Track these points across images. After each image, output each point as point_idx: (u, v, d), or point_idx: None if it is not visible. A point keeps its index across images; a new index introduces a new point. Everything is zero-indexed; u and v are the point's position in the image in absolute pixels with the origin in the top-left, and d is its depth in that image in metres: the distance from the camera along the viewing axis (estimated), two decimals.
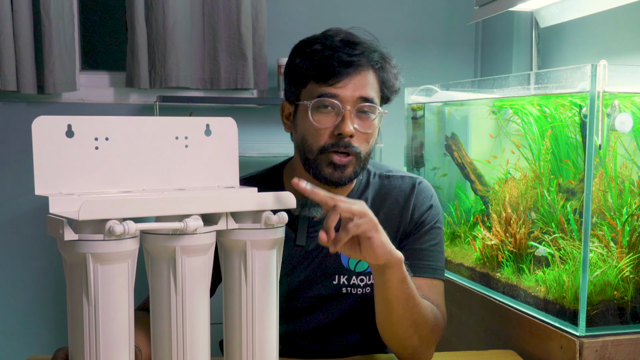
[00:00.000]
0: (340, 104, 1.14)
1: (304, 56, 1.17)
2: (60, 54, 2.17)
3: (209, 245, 0.85)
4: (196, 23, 2.33)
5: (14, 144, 2.29)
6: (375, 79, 1.17)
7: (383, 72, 1.18)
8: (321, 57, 1.15)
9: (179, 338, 0.83)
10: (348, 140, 1.14)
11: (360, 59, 1.15)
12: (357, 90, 1.14)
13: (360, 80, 1.15)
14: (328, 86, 1.14)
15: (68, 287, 0.80)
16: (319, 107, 1.15)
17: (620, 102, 1.17)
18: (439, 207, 1.29)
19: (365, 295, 1.25)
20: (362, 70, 1.15)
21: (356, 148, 1.16)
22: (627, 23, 1.76)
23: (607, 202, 1.24)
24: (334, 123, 1.15)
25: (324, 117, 1.15)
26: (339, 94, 1.14)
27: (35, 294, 2.36)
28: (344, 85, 1.14)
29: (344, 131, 1.13)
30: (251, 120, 2.47)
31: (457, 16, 2.59)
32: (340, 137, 1.14)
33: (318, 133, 1.16)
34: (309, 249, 1.24)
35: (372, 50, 1.17)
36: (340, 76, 1.14)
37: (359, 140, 1.16)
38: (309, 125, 1.16)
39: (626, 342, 1.19)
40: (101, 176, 0.88)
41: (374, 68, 1.17)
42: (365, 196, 1.27)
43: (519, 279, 1.40)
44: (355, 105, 1.15)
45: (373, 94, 1.16)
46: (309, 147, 1.17)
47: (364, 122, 1.16)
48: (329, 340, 1.28)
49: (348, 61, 1.14)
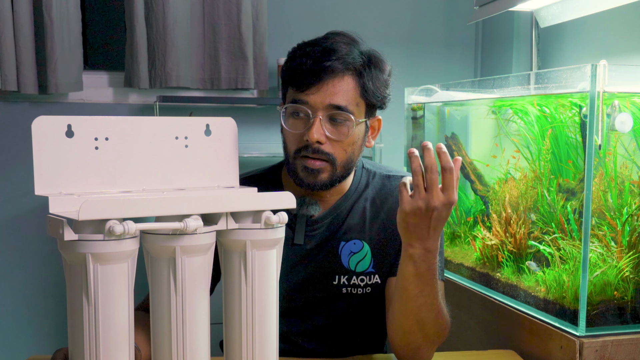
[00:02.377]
0: (310, 110, 1.14)
1: (287, 61, 1.20)
2: (62, 54, 2.17)
3: (208, 245, 0.85)
4: (196, 23, 2.33)
5: (14, 144, 2.29)
6: (352, 86, 1.15)
7: (363, 79, 1.16)
8: (296, 63, 1.16)
9: (179, 338, 0.84)
10: (317, 147, 1.15)
11: (335, 64, 1.13)
12: (327, 98, 1.14)
13: (332, 88, 1.14)
14: (300, 92, 1.15)
15: (68, 287, 0.80)
16: (292, 112, 1.17)
17: (620, 102, 1.17)
18: None
19: (366, 295, 1.25)
20: (336, 76, 1.14)
21: (328, 154, 1.16)
22: (627, 23, 1.75)
23: (607, 202, 1.24)
24: (304, 129, 1.16)
25: (296, 122, 1.17)
26: (309, 101, 1.14)
27: (35, 294, 2.36)
28: (314, 92, 1.14)
29: (310, 138, 1.14)
30: (251, 120, 2.47)
31: (457, 16, 2.59)
32: (308, 142, 1.15)
33: (292, 138, 1.18)
34: (308, 248, 1.24)
35: (350, 56, 1.15)
36: (310, 83, 1.14)
37: (333, 147, 1.16)
38: (285, 130, 1.19)
39: (626, 342, 1.19)
40: (101, 176, 0.88)
41: (351, 74, 1.15)
42: (365, 196, 1.27)
43: (519, 279, 1.40)
44: (326, 113, 1.15)
45: (346, 101, 1.14)
46: (287, 151, 1.20)
47: (336, 129, 1.16)
48: (329, 340, 1.28)
49: (318, 68, 1.13)
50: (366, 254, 1.24)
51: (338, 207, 1.25)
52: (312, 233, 1.24)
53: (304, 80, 1.14)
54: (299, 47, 1.20)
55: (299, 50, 1.18)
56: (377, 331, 1.33)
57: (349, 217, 1.25)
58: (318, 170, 1.16)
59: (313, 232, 1.24)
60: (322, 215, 1.25)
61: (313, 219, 1.24)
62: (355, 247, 1.24)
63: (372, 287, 1.25)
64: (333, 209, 1.25)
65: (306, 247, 1.24)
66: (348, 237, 1.24)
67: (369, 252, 1.24)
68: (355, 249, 1.24)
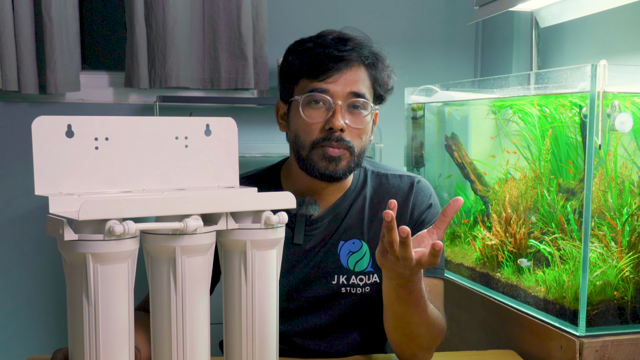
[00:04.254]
0: (331, 98, 1.15)
1: (297, 54, 1.19)
2: (62, 54, 2.17)
3: (208, 245, 0.85)
4: (196, 23, 2.33)
5: (15, 144, 2.29)
6: (366, 76, 1.18)
7: (375, 70, 1.19)
8: (313, 54, 1.16)
9: (179, 338, 0.83)
10: (339, 135, 1.15)
11: (351, 55, 1.15)
12: (348, 86, 1.15)
13: (351, 76, 1.15)
14: (319, 81, 1.15)
15: (68, 287, 0.80)
16: (310, 102, 1.16)
17: (620, 102, 1.17)
18: (438, 206, 1.29)
19: (365, 294, 1.25)
20: (353, 65, 1.16)
21: (348, 142, 1.16)
22: (627, 23, 1.75)
23: (607, 202, 1.24)
24: (325, 118, 1.15)
25: (315, 112, 1.16)
26: (330, 89, 1.14)
27: (35, 294, 2.36)
28: (334, 80, 1.14)
29: (334, 125, 1.14)
30: (251, 120, 2.47)
31: (457, 16, 2.59)
32: (331, 131, 1.15)
33: (309, 128, 1.16)
34: (307, 248, 1.24)
35: (363, 47, 1.17)
36: (331, 71, 1.14)
37: (351, 135, 1.17)
38: (301, 121, 1.17)
39: (626, 342, 1.19)
40: (101, 176, 0.88)
41: (365, 65, 1.18)
42: (364, 195, 1.27)
43: (519, 279, 1.40)
44: (346, 101, 1.15)
45: (364, 89, 1.17)
46: (301, 143, 1.18)
47: (356, 118, 1.17)
48: (329, 340, 1.28)
49: (339, 56, 1.14)
50: (365, 254, 1.24)
51: (337, 206, 1.25)
52: (311, 233, 1.24)
53: (323, 69, 1.14)
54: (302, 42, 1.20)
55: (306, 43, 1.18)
56: (377, 331, 1.33)
57: (347, 217, 1.25)
58: (339, 157, 1.16)
59: (312, 231, 1.24)
60: (321, 215, 1.25)
61: (312, 218, 1.24)
62: (354, 247, 1.24)
63: (371, 287, 1.25)
64: (332, 209, 1.25)
65: (305, 246, 1.24)
66: (347, 237, 1.24)
67: (367, 251, 1.24)
68: (354, 249, 1.24)
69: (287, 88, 1.21)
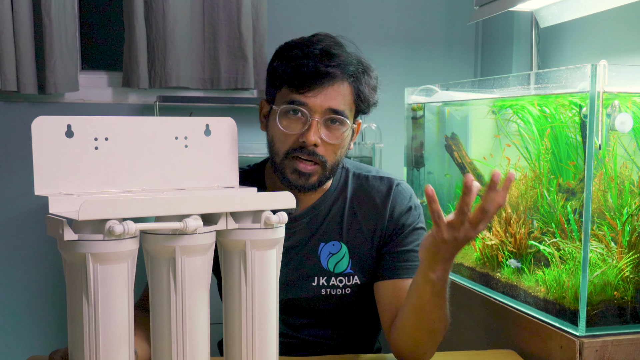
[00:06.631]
0: (309, 112, 1.14)
1: (283, 59, 1.18)
2: (61, 54, 2.17)
3: (208, 245, 0.85)
4: (196, 23, 2.33)
5: (14, 144, 2.29)
6: (349, 92, 1.17)
7: (359, 85, 1.17)
8: (296, 64, 1.15)
9: (179, 338, 0.83)
10: (312, 149, 1.15)
11: (335, 71, 1.14)
12: (327, 101, 1.14)
13: (332, 92, 1.15)
14: (299, 94, 1.14)
15: (68, 287, 0.80)
16: (287, 112, 1.16)
17: (620, 102, 1.17)
18: (419, 208, 1.29)
19: (345, 296, 1.25)
20: (336, 81, 1.15)
21: (321, 157, 1.16)
22: (627, 23, 1.75)
23: (607, 202, 1.24)
24: (300, 130, 1.15)
25: (292, 122, 1.16)
26: (308, 103, 1.14)
27: (35, 294, 2.36)
28: (314, 95, 1.14)
29: (307, 140, 1.14)
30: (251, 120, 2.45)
31: (457, 16, 2.59)
32: (305, 144, 1.15)
33: (285, 138, 1.17)
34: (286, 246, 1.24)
35: (349, 62, 1.16)
36: (312, 86, 1.14)
37: (325, 150, 1.16)
38: (277, 129, 1.17)
39: (626, 342, 1.19)
40: (101, 176, 0.88)
41: (349, 80, 1.16)
42: (344, 196, 1.27)
43: (519, 279, 1.40)
44: (324, 116, 1.15)
45: (344, 106, 1.16)
46: (276, 150, 1.19)
47: (332, 133, 1.16)
48: (310, 340, 1.28)
49: (321, 72, 1.13)
50: (344, 255, 1.25)
51: (317, 207, 1.25)
52: (289, 231, 1.24)
53: (304, 82, 1.14)
54: (290, 47, 1.18)
55: (293, 50, 1.17)
56: (363, 331, 1.33)
57: (327, 218, 1.25)
58: (310, 173, 1.17)
59: (290, 229, 1.23)
60: (300, 214, 1.25)
61: (291, 216, 1.23)
62: (334, 249, 1.25)
63: (351, 288, 1.25)
64: (311, 208, 1.25)
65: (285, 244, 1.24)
66: (327, 238, 1.25)
67: (346, 252, 1.25)
68: (334, 250, 1.25)
69: (270, 91, 1.22)
